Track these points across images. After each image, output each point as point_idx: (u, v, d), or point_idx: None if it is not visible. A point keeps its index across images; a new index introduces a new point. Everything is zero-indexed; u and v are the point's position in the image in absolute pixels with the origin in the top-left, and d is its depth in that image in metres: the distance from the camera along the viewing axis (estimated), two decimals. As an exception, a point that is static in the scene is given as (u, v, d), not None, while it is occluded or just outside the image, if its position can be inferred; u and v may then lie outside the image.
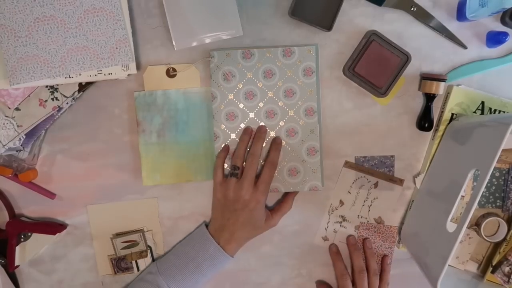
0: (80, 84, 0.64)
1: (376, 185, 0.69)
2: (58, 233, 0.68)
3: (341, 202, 0.70)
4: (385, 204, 0.70)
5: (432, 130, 0.68)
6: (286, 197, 0.69)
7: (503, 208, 0.68)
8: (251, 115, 0.67)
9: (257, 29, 0.66)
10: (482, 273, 0.70)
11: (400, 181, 0.69)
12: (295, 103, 0.66)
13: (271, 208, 0.69)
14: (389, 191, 0.69)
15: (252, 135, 0.67)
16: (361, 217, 0.70)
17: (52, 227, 0.69)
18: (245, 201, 0.63)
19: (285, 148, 0.67)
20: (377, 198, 0.69)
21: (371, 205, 0.70)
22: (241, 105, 0.66)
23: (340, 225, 0.71)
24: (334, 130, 0.68)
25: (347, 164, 0.69)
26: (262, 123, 0.67)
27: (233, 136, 0.67)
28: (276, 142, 0.66)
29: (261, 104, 0.67)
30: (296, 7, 0.64)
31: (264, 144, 0.67)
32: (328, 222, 0.70)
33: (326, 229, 0.71)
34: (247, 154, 0.66)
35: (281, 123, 0.67)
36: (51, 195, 0.69)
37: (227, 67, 0.66)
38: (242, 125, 0.67)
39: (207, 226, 0.67)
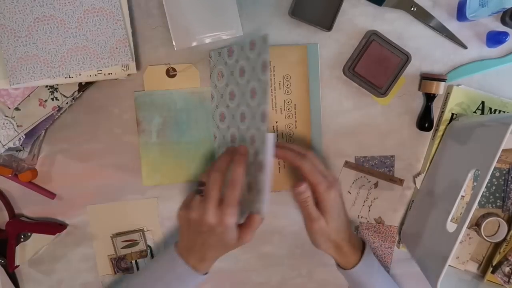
0: (80, 84, 0.64)
1: (376, 185, 0.69)
2: (58, 233, 0.68)
3: (341, 202, 0.70)
4: (385, 204, 0.70)
5: (432, 130, 0.68)
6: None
7: (503, 208, 0.68)
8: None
9: (257, 29, 0.66)
10: (482, 273, 0.70)
11: (400, 181, 0.69)
12: (256, 106, 0.57)
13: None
14: (389, 191, 0.69)
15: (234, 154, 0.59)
16: (361, 217, 0.70)
17: (52, 227, 0.69)
18: (211, 225, 0.56)
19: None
20: (377, 198, 0.69)
21: (371, 205, 0.70)
22: (229, 106, 0.63)
23: (340, 225, 0.71)
24: (334, 130, 0.68)
25: (347, 164, 0.69)
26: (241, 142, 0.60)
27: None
28: (239, 153, 0.58)
29: (238, 106, 0.61)
30: (296, 7, 0.64)
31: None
32: (328, 222, 0.70)
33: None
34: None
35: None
36: (51, 195, 0.69)
37: (219, 67, 0.64)
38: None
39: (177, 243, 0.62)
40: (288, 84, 0.66)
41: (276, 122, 0.66)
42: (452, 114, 0.66)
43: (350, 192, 0.69)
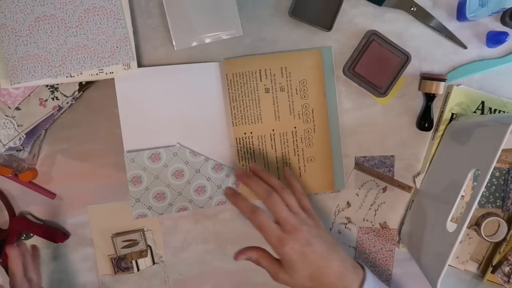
0: (80, 83, 0.65)
1: (384, 190, 0.69)
2: (60, 243, 0.69)
3: (348, 204, 0.70)
4: (392, 210, 0.69)
5: (432, 130, 0.68)
6: None
7: (503, 208, 0.68)
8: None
9: (257, 29, 0.66)
10: (482, 273, 0.70)
11: (409, 188, 0.69)
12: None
13: None
14: (397, 197, 0.69)
15: None
16: (367, 220, 0.70)
17: (56, 235, 0.69)
18: None
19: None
20: (384, 203, 0.69)
21: (377, 209, 0.69)
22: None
23: (345, 227, 0.70)
24: (334, 130, 0.68)
25: (358, 167, 0.69)
26: None
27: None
28: None
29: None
30: (296, 7, 0.64)
31: None
32: (333, 222, 0.70)
33: (330, 230, 0.70)
34: None
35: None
36: (51, 195, 0.69)
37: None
38: None
39: None
40: (305, 89, 0.66)
41: (295, 127, 0.67)
42: (452, 114, 0.66)
43: (358, 195, 0.69)
